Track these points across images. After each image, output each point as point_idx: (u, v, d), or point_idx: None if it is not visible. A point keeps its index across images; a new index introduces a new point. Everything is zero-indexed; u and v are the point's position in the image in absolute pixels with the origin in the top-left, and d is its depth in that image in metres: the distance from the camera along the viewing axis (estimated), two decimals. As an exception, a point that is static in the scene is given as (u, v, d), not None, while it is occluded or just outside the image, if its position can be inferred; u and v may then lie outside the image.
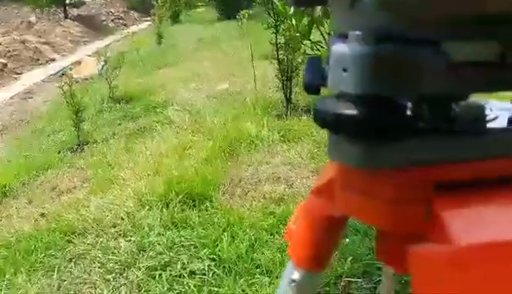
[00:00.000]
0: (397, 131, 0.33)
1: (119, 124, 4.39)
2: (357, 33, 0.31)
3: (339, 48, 0.33)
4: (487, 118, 0.37)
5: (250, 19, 7.85)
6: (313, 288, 0.52)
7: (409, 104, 0.36)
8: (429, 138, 0.34)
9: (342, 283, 1.71)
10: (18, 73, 8.97)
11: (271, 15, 3.91)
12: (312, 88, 0.38)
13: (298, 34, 1.88)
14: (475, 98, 0.37)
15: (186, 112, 4.46)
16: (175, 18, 12.71)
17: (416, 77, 0.31)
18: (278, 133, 3.39)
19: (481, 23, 0.29)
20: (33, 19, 15.03)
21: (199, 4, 17.55)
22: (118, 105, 5.02)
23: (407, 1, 0.25)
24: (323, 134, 3.24)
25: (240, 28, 8.66)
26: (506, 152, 0.35)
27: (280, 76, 3.99)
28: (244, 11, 8.05)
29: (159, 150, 3.45)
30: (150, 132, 3.99)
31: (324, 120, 0.34)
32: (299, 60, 3.82)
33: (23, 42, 10.87)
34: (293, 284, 0.50)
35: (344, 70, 0.32)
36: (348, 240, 1.98)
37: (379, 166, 0.34)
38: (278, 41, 3.90)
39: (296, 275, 0.50)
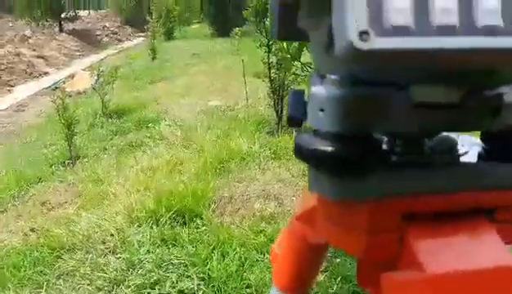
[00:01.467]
0: (371, 165, 0.35)
1: (111, 139, 4.40)
2: (333, 77, 0.34)
3: (317, 90, 0.36)
4: (459, 152, 0.40)
5: (243, 36, 7.95)
6: None
7: (383, 139, 0.39)
8: (402, 170, 0.37)
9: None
10: (11, 86, 8.94)
11: (264, 34, 3.99)
12: (295, 122, 0.40)
13: (288, 56, 1.93)
14: (447, 133, 0.40)
15: (178, 127, 4.49)
16: (169, 34, 12.82)
17: (385, 117, 0.34)
18: (269, 150, 3.42)
19: (444, 71, 0.32)
20: (27, 32, 15.05)
21: (194, 21, 17.75)
22: (110, 120, 5.03)
23: (375, 58, 0.28)
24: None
25: (233, 45, 8.76)
26: (476, 185, 0.37)
27: (271, 94, 4.05)
28: (238, 28, 8.15)
29: (150, 165, 3.45)
30: (141, 147, 4.00)
31: (302, 154, 0.37)
32: (290, 79, 3.88)
33: (17, 54, 10.87)
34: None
35: (321, 110, 0.35)
36: (338, 260, 2.00)
37: (354, 198, 0.36)
38: (270, 60, 3.96)
39: (279, 299, 0.52)
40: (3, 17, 23.64)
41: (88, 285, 2.00)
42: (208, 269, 2.01)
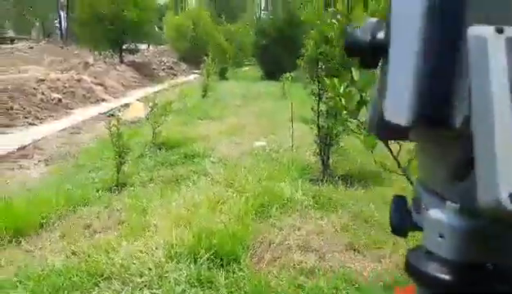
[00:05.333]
0: None
1: (158, 170, 4.51)
2: (454, 205, 0.34)
3: (437, 215, 0.35)
4: None
5: (293, 81, 8.11)
6: None
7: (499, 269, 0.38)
8: None
9: None
10: (70, 109, 9.54)
11: (316, 83, 4.03)
12: (401, 231, 0.40)
13: (345, 112, 1.92)
14: None
15: (223, 165, 4.54)
16: (222, 74, 13.32)
17: (505, 250, 0.34)
18: (312, 198, 3.36)
19: None
20: (90, 60, 16.22)
21: (246, 63, 18.38)
22: (159, 151, 5.20)
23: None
24: (360, 206, 3.18)
25: (282, 89, 8.93)
26: None
27: (318, 141, 4.03)
28: (288, 73, 8.34)
29: (192, 201, 3.48)
30: (185, 181, 4.06)
31: (415, 275, 0.36)
32: (340, 129, 3.86)
33: (79, 80, 11.66)
34: None
35: (441, 236, 0.35)
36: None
37: None
38: (320, 108, 3.98)
39: None
40: (71, 45, 25.72)
41: (122, 318, 1.99)
42: (242, 318, 1.95)
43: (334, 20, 2.98)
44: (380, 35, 0.37)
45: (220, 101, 9.12)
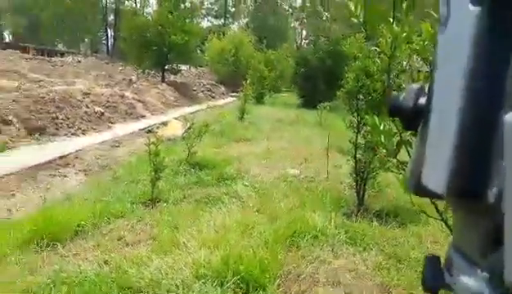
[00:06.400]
0: None
1: (191, 188, 4.57)
2: (485, 274, 0.33)
3: (467, 281, 0.35)
4: None
5: (331, 111, 8.09)
6: None
7: None
8: None
9: None
10: (112, 123, 9.92)
11: (355, 115, 4.01)
12: (433, 290, 0.40)
13: (384, 150, 1.89)
14: None
15: (254, 189, 4.54)
16: (260, 98, 13.51)
17: None
18: (345, 233, 3.28)
19: None
20: (134, 77, 16.91)
21: (284, 89, 18.58)
22: (193, 170, 5.28)
23: None
24: (395, 245, 3.08)
25: (318, 118, 8.92)
26: None
27: (354, 175, 3.96)
28: (326, 103, 8.34)
29: (223, 223, 3.49)
30: (217, 203, 4.08)
31: None
32: (377, 165, 3.79)
33: (122, 96, 12.15)
34: None
35: None
36: None
37: None
38: (358, 141, 3.94)
39: None
40: (116, 61, 26.98)
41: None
42: None
43: (377, 59, 2.99)
44: (421, 101, 0.39)
45: (256, 125, 9.21)
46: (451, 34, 0.36)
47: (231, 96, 17.82)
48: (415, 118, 0.40)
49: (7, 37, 40.96)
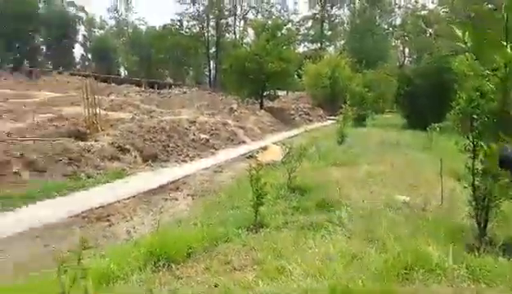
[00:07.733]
0: None
1: (292, 214, 4.54)
2: None
3: None
4: None
5: (441, 133, 7.47)
6: None
7: None
8: None
9: None
10: (216, 149, 10.49)
11: (471, 138, 3.62)
12: None
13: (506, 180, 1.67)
14: None
15: (359, 217, 4.34)
16: (360, 120, 13.12)
17: None
18: (466, 269, 2.93)
19: None
20: (235, 106, 17.77)
21: (387, 110, 17.81)
22: (293, 195, 5.26)
23: None
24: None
25: (427, 140, 8.30)
26: None
27: (474, 203, 3.55)
28: (436, 124, 7.73)
29: (327, 251, 3.38)
30: (320, 230, 3.97)
31: None
32: (499, 192, 3.36)
33: (224, 124, 12.83)
34: None
35: None
36: None
37: None
38: (475, 166, 3.54)
39: None
40: (217, 91, 28.74)
41: None
42: None
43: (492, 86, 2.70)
44: None
45: (356, 148, 8.92)
46: None
47: (329, 119, 17.65)
48: None
49: (123, 73, 46.37)
